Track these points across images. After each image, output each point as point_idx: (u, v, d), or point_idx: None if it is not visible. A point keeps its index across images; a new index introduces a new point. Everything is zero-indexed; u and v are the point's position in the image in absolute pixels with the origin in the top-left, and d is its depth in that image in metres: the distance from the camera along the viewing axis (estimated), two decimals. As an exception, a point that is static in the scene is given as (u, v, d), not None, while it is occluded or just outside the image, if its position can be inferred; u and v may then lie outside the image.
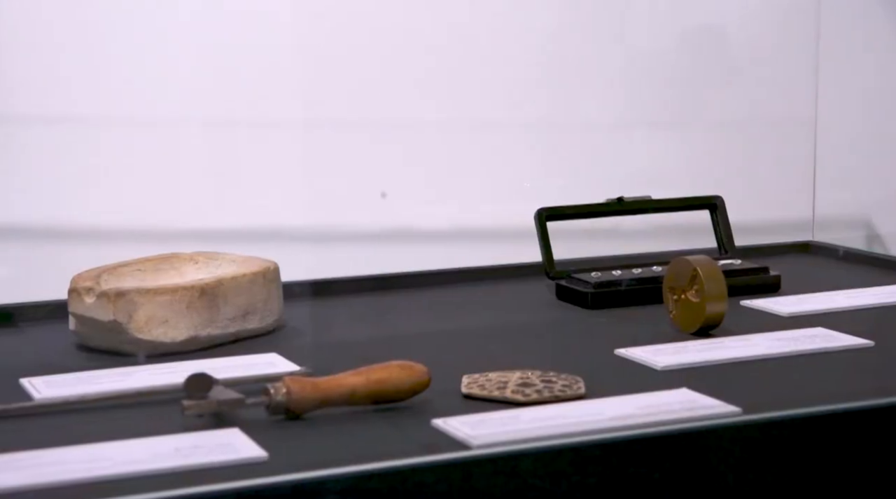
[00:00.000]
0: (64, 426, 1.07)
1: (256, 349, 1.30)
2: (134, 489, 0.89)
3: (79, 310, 1.29)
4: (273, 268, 1.38)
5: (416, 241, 1.68)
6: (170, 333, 1.28)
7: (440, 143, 1.70)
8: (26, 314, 1.41)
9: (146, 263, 1.38)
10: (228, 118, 1.59)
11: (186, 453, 0.97)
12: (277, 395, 1.06)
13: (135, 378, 1.19)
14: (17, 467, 0.94)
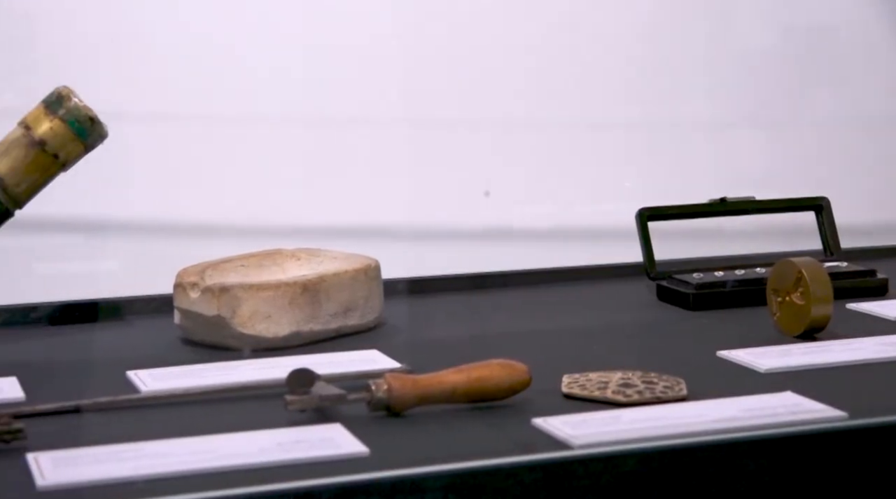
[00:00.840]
0: (169, 419, 1.08)
1: (357, 346, 1.30)
2: (237, 482, 0.91)
3: (184, 304, 1.31)
4: (374, 265, 1.39)
5: (515, 239, 1.68)
6: (272, 329, 1.29)
7: (541, 141, 1.69)
8: (133, 308, 1.43)
9: (250, 259, 1.39)
10: (332, 116, 1.61)
11: (289, 448, 0.98)
12: (378, 391, 1.07)
13: (238, 372, 1.20)
14: (123, 459, 0.96)
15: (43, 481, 0.92)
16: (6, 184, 1.25)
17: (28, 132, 1.25)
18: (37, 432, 1.01)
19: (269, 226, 1.57)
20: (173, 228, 1.56)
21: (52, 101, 1.26)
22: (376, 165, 1.62)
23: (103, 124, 1.27)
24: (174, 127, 1.55)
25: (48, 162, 1.26)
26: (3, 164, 1.25)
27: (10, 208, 1.26)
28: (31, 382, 1.17)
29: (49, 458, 0.96)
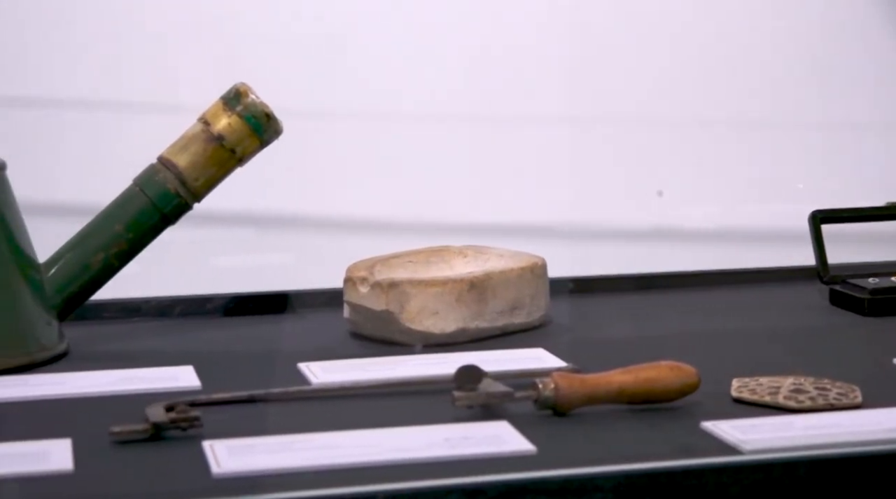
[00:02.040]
0: (338, 411, 1.10)
1: (523, 344, 1.31)
2: (405, 476, 0.92)
3: (353, 299, 1.33)
4: (541, 263, 1.39)
5: (684, 240, 1.66)
6: (439, 325, 1.30)
7: (710, 141, 1.67)
8: (304, 301, 1.46)
9: (418, 255, 1.41)
10: (500, 114, 1.61)
11: (456, 444, 0.99)
12: (545, 390, 1.07)
13: (406, 367, 1.21)
14: (296, 449, 0.98)
15: (218, 469, 0.94)
16: (185, 178, 1.28)
17: (207, 127, 1.29)
18: (212, 420, 1.03)
19: (437, 223, 1.58)
20: (343, 223, 1.58)
21: (230, 98, 1.29)
22: (544, 162, 1.62)
23: (279, 120, 1.30)
24: (346, 123, 1.58)
25: (225, 157, 1.29)
26: (183, 158, 1.29)
27: (188, 202, 1.29)
28: (207, 371, 1.20)
29: (224, 446, 0.98)
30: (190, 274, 1.55)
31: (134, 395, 1.13)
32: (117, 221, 1.28)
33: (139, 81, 1.56)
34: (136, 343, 1.34)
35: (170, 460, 0.98)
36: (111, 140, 1.54)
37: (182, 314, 1.43)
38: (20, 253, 1.25)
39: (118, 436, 1.01)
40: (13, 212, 1.25)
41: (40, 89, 1.52)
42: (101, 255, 1.28)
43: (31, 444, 0.99)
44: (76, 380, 1.18)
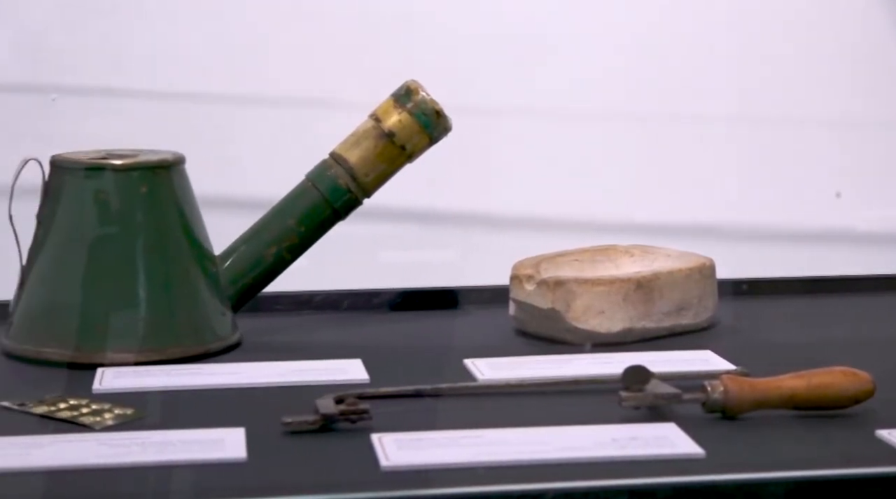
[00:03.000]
0: (505, 408, 1.10)
1: (690, 345, 1.29)
2: (573, 475, 0.92)
3: (519, 296, 1.33)
4: (709, 264, 1.37)
5: (857, 243, 1.62)
6: (605, 325, 1.30)
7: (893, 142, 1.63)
8: (470, 297, 1.47)
9: (584, 253, 1.40)
10: (667, 112, 1.60)
11: (623, 444, 0.98)
12: (714, 393, 1.05)
13: (571, 366, 1.21)
14: (463, 444, 0.98)
15: (387, 462, 0.95)
16: (356, 174, 1.30)
17: (378, 124, 1.30)
18: (380, 413, 1.05)
19: (603, 221, 1.58)
20: (509, 220, 1.59)
21: (401, 95, 1.31)
22: (713, 162, 1.60)
23: (448, 117, 1.31)
24: (515, 121, 1.58)
25: (395, 153, 1.30)
26: (354, 154, 1.30)
27: (358, 197, 1.31)
28: (374, 365, 1.21)
29: (392, 439, 0.99)
30: (358, 269, 1.57)
31: (304, 386, 1.15)
32: (290, 216, 1.31)
33: (315, 79, 1.59)
34: (305, 335, 1.36)
35: (339, 452, 0.99)
36: (285, 136, 1.57)
37: (350, 308, 1.45)
38: (198, 245, 1.28)
39: (290, 426, 1.03)
40: (191, 205, 1.29)
41: (220, 86, 1.56)
42: (273, 248, 1.31)
43: (206, 432, 1.02)
44: (249, 370, 1.21)
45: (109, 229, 1.25)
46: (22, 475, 0.93)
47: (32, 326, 1.25)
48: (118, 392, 1.14)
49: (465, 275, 1.50)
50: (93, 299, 1.24)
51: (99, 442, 0.99)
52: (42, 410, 1.08)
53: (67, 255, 1.25)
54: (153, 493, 0.93)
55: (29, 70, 1.48)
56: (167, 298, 1.25)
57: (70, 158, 1.27)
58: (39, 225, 1.26)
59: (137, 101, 1.50)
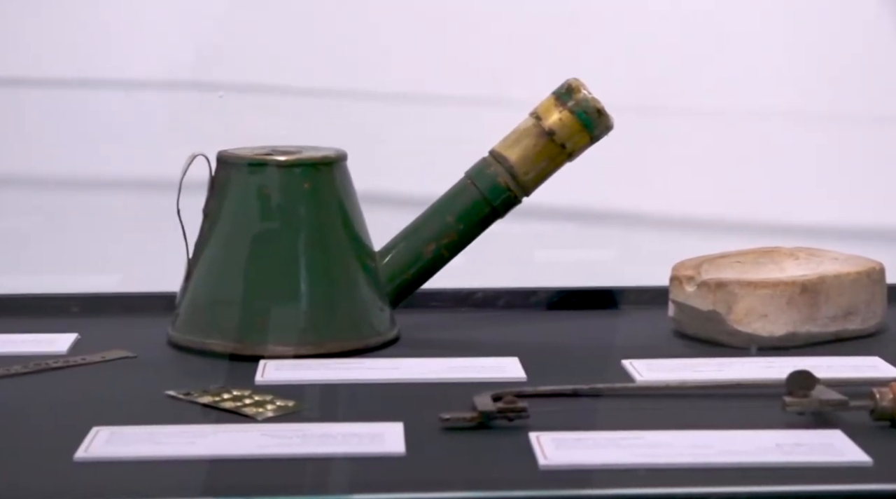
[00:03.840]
0: (664, 410, 1.09)
1: (856, 351, 1.26)
2: (736, 480, 0.90)
3: (679, 297, 1.31)
4: (878, 268, 1.33)
5: None
6: (768, 328, 1.27)
7: None
8: (629, 298, 1.45)
9: (746, 255, 1.38)
10: (837, 112, 1.56)
11: (788, 450, 0.96)
12: (883, 400, 1.02)
13: (732, 369, 1.19)
14: (623, 446, 0.97)
15: (545, 461, 0.95)
16: (515, 172, 1.30)
17: (538, 122, 1.30)
18: (537, 412, 1.04)
19: (768, 223, 1.55)
20: (669, 220, 1.57)
21: (562, 93, 1.30)
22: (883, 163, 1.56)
23: (610, 116, 1.29)
24: (676, 120, 1.56)
25: (556, 151, 1.30)
26: (514, 152, 1.30)
27: (517, 195, 1.31)
28: (531, 363, 1.21)
29: (550, 438, 0.99)
30: (516, 267, 1.57)
31: (461, 383, 1.15)
32: (449, 213, 1.31)
33: (476, 77, 1.59)
34: (462, 332, 1.36)
35: (496, 450, 0.99)
36: (445, 133, 1.58)
37: (507, 306, 1.44)
38: (358, 241, 1.30)
39: (448, 422, 1.03)
40: (352, 201, 1.30)
41: (383, 83, 1.57)
42: (432, 245, 1.31)
43: (366, 425, 1.03)
44: (407, 366, 1.21)
45: (272, 224, 1.27)
46: (187, 463, 0.95)
47: (197, 318, 1.27)
48: (279, 384, 1.15)
49: (623, 275, 1.48)
50: (255, 293, 1.26)
51: (261, 433, 1.01)
52: (206, 400, 1.10)
53: (231, 249, 1.27)
54: (313, 484, 0.94)
55: (197, 68, 1.51)
56: (327, 293, 1.27)
57: (235, 153, 1.29)
58: (205, 219, 1.29)
59: (301, 98, 1.52)
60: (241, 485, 0.92)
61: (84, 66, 1.49)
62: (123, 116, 1.50)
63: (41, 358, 1.22)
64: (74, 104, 1.50)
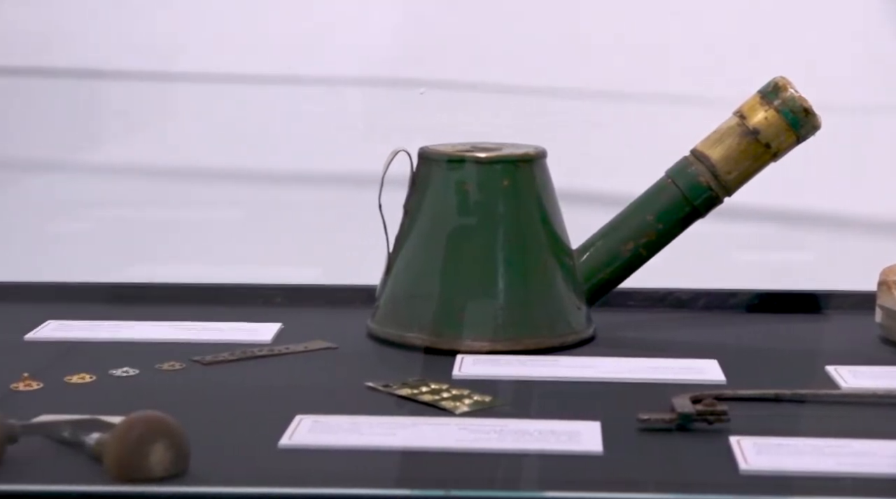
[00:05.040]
0: (871, 418, 1.06)
1: None
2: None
3: (887, 303, 1.27)
4: None
5: None
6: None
7: None
8: (833, 302, 1.42)
9: (957, 260, 1.33)
10: None
11: None
12: None
13: (943, 379, 1.15)
14: (826, 453, 0.95)
15: (745, 466, 0.93)
16: (717, 171, 1.28)
17: (742, 121, 1.28)
18: (737, 415, 1.02)
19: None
20: (878, 223, 1.52)
21: (768, 92, 1.27)
22: None
23: (817, 116, 1.26)
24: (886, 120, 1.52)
25: (760, 151, 1.27)
26: (717, 151, 1.28)
27: (719, 195, 1.29)
28: (731, 366, 1.19)
29: (751, 443, 0.97)
30: (715, 268, 1.54)
31: (659, 384, 1.14)
32: (648, 212, 1.30)
33: (678, 75, 1.57)
34: (659, 333, 1.35)
35: (695, 452, 0.98)
36: (645, 132, 1.57)
37: (705, 307, 1.42)
38: (556, 239, 1.30)
39: (645, 423, 1.02)
40: (551, 199, 1.30)
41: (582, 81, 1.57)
42: (630, 244, 1.30)
43: (562, 423, 1.03)
44: (604, 365, 1.21)
45: (470, 220, 1.28)
46: (387, 454, 0.97)
47: (396, 312, 1.29)
48: (475, 379, 1.16)
49: (827, 278, 1.45)
50: (453, 288, 1.27)
51: (459, 426, 1.02)
52: (405, 392, 1.12)
53: (430, 244, 1.29)
54: (509, 480, 0.94)
55: (399, 65, 1.53)
56: (525, 290, 1.27)
57: (436, 149, 1.30)
58: (406, 214, 1.31)
59: (503, 95, 1.53)
60: (439, 478, 0.93)
61: (291, 63, 1.53)
62: (327, 112, 1.53)
63: (247, 346, 1.26)
64: (281, 100, 1.54)
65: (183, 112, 1.55)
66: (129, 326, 1.32)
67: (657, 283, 1.41)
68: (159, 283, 1.47)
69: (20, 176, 1.54)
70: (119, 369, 1.18)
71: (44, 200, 1.54)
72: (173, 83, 1.55)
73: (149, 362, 1.20)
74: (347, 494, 0.87)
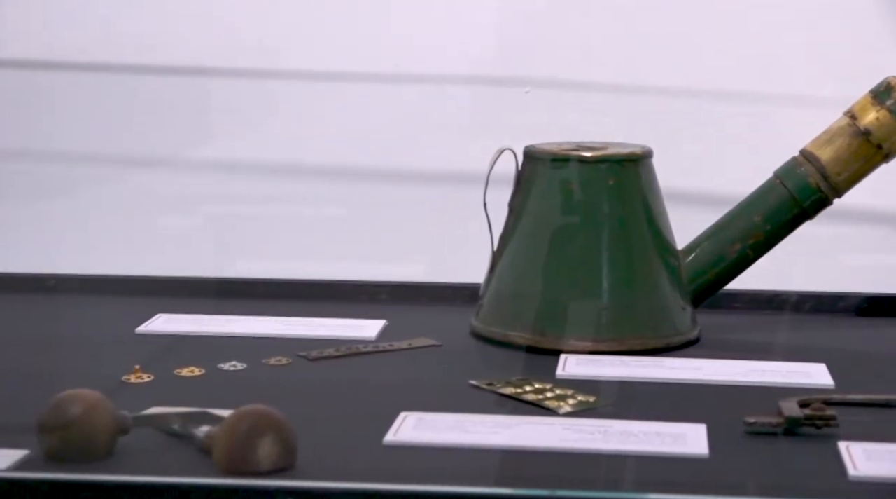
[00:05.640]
0: None
1: None
2: None
3: None
4: None
5: None
6: None
7: None
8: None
9: None
10: None
11: None
12: None
13: None
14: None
15: (855, 472, 0.92)
16: (827, 172, 1.26)
17: (853, 122, 1.26)
18: (846, 420, 1.01)
19: None
20: None
21: (880, 91, 1.25)
22: None
23: (930, 117, 1.24)
24: None
25: (871, 152, 1.25)
26: (826, 152, 1.27)
27: (828, 197, 1.27)
28: (839, 370, 1.17)
29: (861, 449, 0.96)
30: (822, 270, 1.52)
31: (765, 387, 1.13)
32: (756, 213, 1.29)
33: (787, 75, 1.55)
34: (765, 335, 1.34)
35: (802, 457, 0.97)
36: (753, 132, 1.55)
37: (813, 310, 1.40)
38: (661, 239, 1.29)
39: (752, 426, 1.01)
40: (657, 199, 1.29)
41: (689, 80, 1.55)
42: (737, 245, 1.29)
43: (667, 425, 1.02)
44: (709, 367, 1.20)
45: (575, 219, 1.28)
46: (491, 452, 0.97)
47: (499, 310, 1.29)
48: (578, 379, 1.16)
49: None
50: (556, 287, 1.27)
51: (563, 426, 1.02)
52: (509, 391, 1.12)
53: (534, 243, 1.29)
54: (612, 481, 0.94)
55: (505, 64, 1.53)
56: (629, 290, 1.26)
57: (541, 148, 1.30)
58: (510, 213, 1.31)
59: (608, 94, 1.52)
60: (542, 477, 0.94)
61: (397, 61, 1.54)
62: (433, 110, 1.53)
63: (352, 343, 1.27)
64: (386, 98, 1.54)
65: (289, 110, 1.56)
66: (236, 321, 1.34)
67: (764, 285, 1.39)
68: (265, 278, 1.49)
69: (133, 172, 1.57)
70: (227, 363, 1.20)
71: (155, 195, 1.57)
72: (279, 81, 1.57)
73: (256, 357, 1.21)
74: (453, 491, 0.87)
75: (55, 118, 1.58)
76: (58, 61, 1.58)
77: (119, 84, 1.59)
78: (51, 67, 1.58)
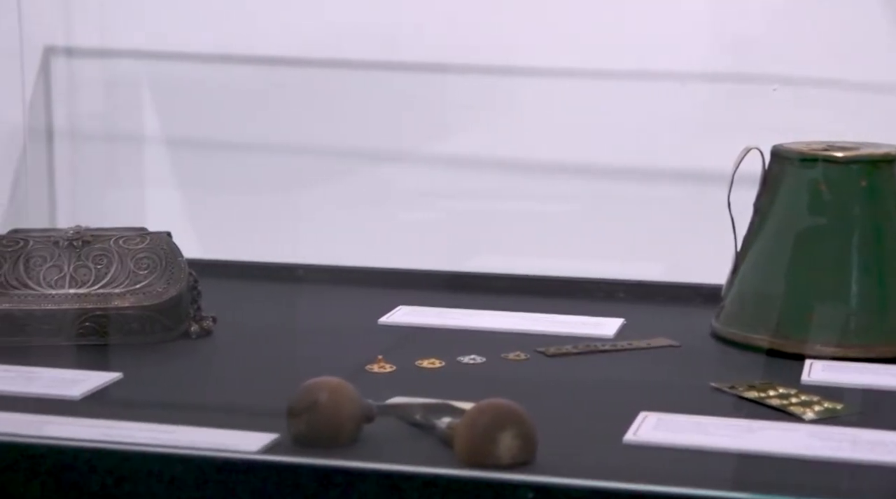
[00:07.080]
0: None
1: None
2: None
3: None
4: None
5: None
6: None
7: None
8: None
9: None
10: None
11: None
12: None
13: None
14: None
15: None
16: None
17: None
18: None
19: None
20: None
21: None
22: None
23: None
24: None
25: None
26: None
27: None
28: None
29: None
30: None
31: None
32: None
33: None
34: None
35: None
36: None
37: None
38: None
39: None
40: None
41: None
42: None
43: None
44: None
45: (822, 221, 1.24)
46: (733, 457, 0.95)
47: (741, 312, 1.27)
48: (824, 385, 1.13)
49: None
50: (802, 290, 1.24)
51: (809, 433, 0.99)
52: (752, 395, 1.09)
53: (780, 244, 1.26)
54: (862, 491, 0.91)
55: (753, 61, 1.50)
56: (880, 295, 1.22)
57: (789, 148, 1.27)
58: (756, 213, 1.28)
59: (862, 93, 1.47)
60: (786, 484, 0.91)
61: (641, 58, 1.52)
62: (678, 108, 1.51)
63: (590, 340, 1.27)
64: (629, 95, 1.53)
65: (527, 106, 1.57)
66: (475, 315, 1.35)
67: None
68: (502, 273, 1.49)
69: (376, 166, 1.59)
70: (466, 357, 1.21)
71: (396, 189, 1.60)
72: (518, 78, 1.57)
73: (494, 351, 1.22)
74: (695, 494, 0.86)
75: (306, 113, 1.62)
76: (309, 58, 1.62)
77: (360, 81, 1.62)
78: (305, 64, 1.62)
